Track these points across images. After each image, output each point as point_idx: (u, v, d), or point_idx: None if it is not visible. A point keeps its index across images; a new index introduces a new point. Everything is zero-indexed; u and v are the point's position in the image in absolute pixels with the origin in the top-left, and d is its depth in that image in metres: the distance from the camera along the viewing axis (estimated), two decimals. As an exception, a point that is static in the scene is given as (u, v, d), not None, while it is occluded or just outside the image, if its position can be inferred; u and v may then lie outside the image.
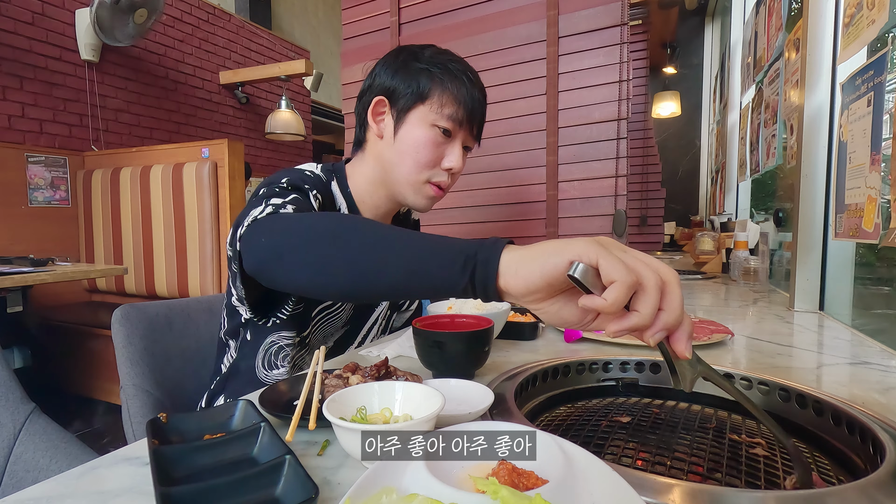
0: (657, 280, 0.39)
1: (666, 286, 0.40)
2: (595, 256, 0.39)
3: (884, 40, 0.90)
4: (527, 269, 0.42)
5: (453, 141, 0.83)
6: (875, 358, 0.77)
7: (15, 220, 2.75)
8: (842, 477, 0.49)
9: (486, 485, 0.30)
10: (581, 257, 0.40)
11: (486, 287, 0.44)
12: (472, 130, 0.85)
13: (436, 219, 1.67)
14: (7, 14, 2.77)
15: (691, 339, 0.42)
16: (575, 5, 1.44)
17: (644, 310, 0.39)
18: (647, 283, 0.39)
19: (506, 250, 0.44)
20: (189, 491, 0.37)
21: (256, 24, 4.56)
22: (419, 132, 0.81)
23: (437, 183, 0.84)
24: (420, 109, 0.81)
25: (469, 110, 0.82)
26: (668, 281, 0.40)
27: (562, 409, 0.66)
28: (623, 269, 0.38)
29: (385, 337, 0.99)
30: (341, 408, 0.46)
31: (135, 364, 0.92)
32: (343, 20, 1.78)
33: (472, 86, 0.82)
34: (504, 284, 0.43)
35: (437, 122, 0.80)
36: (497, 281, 0.43)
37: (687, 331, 0.42)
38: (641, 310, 0.39)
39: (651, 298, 0.39)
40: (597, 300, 0.39)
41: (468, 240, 0.47)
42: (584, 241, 0.40)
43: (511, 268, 0.43)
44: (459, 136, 0.83)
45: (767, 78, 1.82)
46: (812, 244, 1.17)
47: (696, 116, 4.30)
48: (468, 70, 0.83)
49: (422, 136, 0.81)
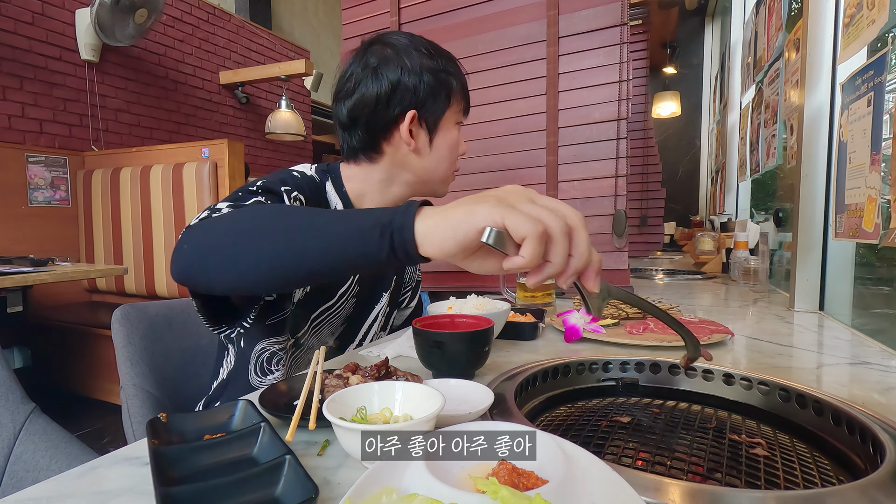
0: (563, 226, 0.41)
1: (573, 231, 0.41)
2: (501, 218, 0.40)
3: (884, 40, 0.90)
4: (441, 238, 0.42)
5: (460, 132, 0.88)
6: (875, 358, 0.77)
7: (15, 220, 2.75)
8: (842, 477, 0.49)
9: (486, 485, 0.30)
10: (489, 222, 0.40)
11: (408, 253, 0.44)
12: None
13: (436, 219, 1.67)
14: (7, 14, 2.77)
15: (599, 274, 0.44)
16: (575, 5, 1.44)
17: (555, 259, 0.41)
18: (555, 231, 0.40)
19: (419, 216, 0.44)
20: (189, 491, 0.37)
21: (256, 24, 4.56)
22: (452, 135, 0.86)
23: (457, 168, 0.91)
24: (448, 114, 0.84)
25: (468, 95, 0.88)
26: (573, 226, 0.41)
27: (562, 409, 0.66)
28: (529, 223, 0.39)
29: (385, 336, 0.99)
30: (341, 408, 0.46)
31: (135, 364, 0.92)
32: (343, 20, 1.77)
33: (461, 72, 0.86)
34: (423, 251, 0.44)
35: (458, 120, 0.86)
36: (416, 247, 0.44)
37: (595, 269, 0.43)
38: (553, 259, 0.41)
39: (560, 247, 0.41)
40: (516, 260, 0.40)
41: (384, 209, 0.47)
42: (490, 204, 0.41)
43: (427, 236, 0.43)
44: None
45: (767, 78, 1.82)
46: (812, 244, 1.17)
47: (696, 116, 4.30)
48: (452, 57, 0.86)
49: (454, 138, 0.86)
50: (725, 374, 0.67)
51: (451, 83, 0.83)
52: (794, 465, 0.49)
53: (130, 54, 3.42)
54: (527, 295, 1.25)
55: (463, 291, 0.99)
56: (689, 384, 0.69)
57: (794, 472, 0.48)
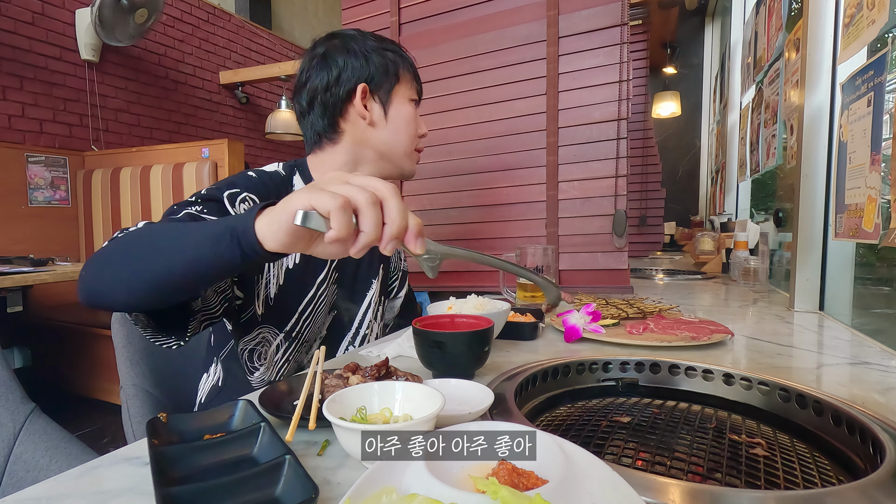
0: (370, 197, 0.43)
1: (384, 201, 0.44)
2: (307, 200, 0.42)
3: (884, 40, 0.90)
4: (274, 231, 0.45)
5: (418, 109, 0.94)
6: (875, 358, 0.77)
7: (15, 220, 2.75)
8: (842, 477, 0.49)
9: (486, 485, 0.30)
10: (299, 206, 0.43)
11: (257, 252, 0.47)
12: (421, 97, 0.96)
13: (436, 219, 1.67)
14: (7, 14, 2.76)
15: (420, 236, 0.47)
16: (575, 5, 1.44)
17: (366, 227, 0.43)
18: (360, 203, 0.43)
19: (259, 216, 0.47)
20: (189, 491, 0.37)
21: (256, 24, 4.56)
22: (406, 108, 0.90)
23: (419, 148, 0.95)
24: (398, 88, 0.89)
25: (419, 80, 0.94)
26: (384, 196, 0.44)
27: (562, 409, 0.66)
28: (329, 198, 0.42)
29: (384, 337, 0.99)
30: (341, 408, 0.46)
31: (135, 364, 0.92)
32: (343, 20, 1.77)
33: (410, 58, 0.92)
34: (267, 247, 0.46)
35: (412, 97, 0.91)
36: (261, 245, 0.46)
37: (414, 231, 0.46)
38: (364, 227, 0.44)
39: (368, 215, 0.43)
40: (330, 233, 0.43)
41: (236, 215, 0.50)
42: (304, 190, 0.44)
43: (264, 232, 0.46)
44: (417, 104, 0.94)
45: (767, 78, 1.82)
46: (812, 244, 1.17)
47: (696, 116, 4.30)
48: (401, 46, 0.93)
49: (409, 112, 0.91)
50: (725, 374, 0.67)
51: (397, 61, 0.89)
52: (794, 465, 0.49)
53: (130, 54, 3.42)
54: (527, 295, 1.25)
55: (463, 291, 0.99)
56: (689, 384, 0.69)
57: (794, 472, 0.48)
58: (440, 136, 1.63)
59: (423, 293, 1.71)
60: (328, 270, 0.90)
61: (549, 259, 1.24)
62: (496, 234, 1.59)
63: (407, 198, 1.70)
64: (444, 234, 1.67)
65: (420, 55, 0.92)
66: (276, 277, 0.83)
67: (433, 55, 1.61)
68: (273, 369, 0.86)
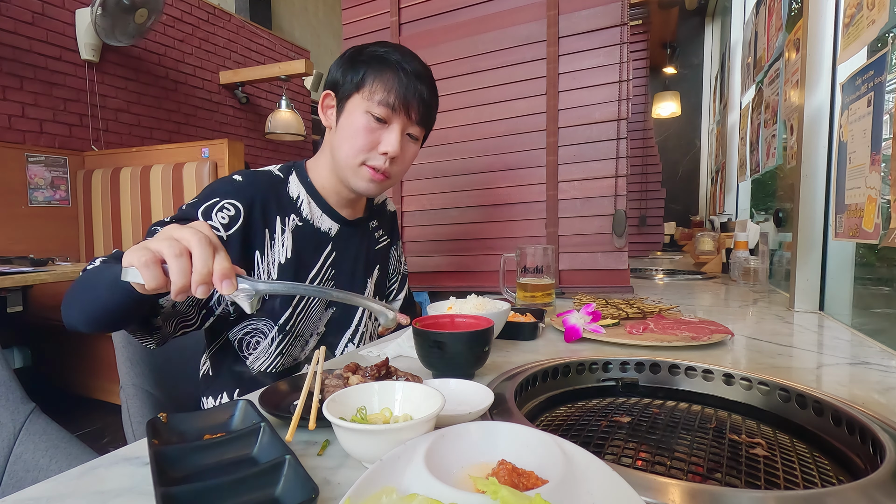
0: (176, 250, 0.49)
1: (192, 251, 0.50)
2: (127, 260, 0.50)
3: (884, 40, 0.90)
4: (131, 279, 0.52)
5: (389, 127, 0.86)
6: (875, 358, 0.77)
7: (15, 220, 2.75)
8: (842, 477, 0.49)
9: (486, 485, 0.30)
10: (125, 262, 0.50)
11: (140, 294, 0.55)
12: (410, 117, 0.87)
13: (436, 219, 1.67)
14: (7, 14, 2.76)
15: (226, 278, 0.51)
16: (575, 5, 1.44)
17: (173, 277, 0.50)
18: (167, 256, 0.50)
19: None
20: (189, 491, 0.37)
21: (256, 24, 4.56)
22: (354, 118, 0.86)
23: (374, 166, 0.87)
24: (355, 98, 0.86)
25: (402, 97, 0.85)
26: (190, 246, 0.50)
27: (562, 409, 0.66)
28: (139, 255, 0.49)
29: (384, 337, 0.99)
30: (341, 408, 0.46)
31: (135, 364, 0.92)
32: (343, 20, 1.77)
33: (405, 74, 0.85)
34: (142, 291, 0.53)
35: (370, 110, 0.85)
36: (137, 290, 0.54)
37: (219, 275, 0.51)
38: (172, 277, 0.50)
39: (173, 267, 0.50)
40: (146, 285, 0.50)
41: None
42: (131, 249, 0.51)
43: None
44: (396, 122, 0.86)
45: (767, 78, 1.82)
46: (812, 244, 1.17)
47: (696, 116, 4.30)
48: (406, 61, 0.86)
49: (356, 122, 0.86)
50: (725, 374, 0.67)
51: (366, 72, 0.85)
52: (794, 465, 0.49)
53: (130, 54, 3.42)
54: (527, 295, 1.25)
55: (463, 291, 0.99)
56: (689, 384, 0.69)
57: (794, 472, 0.48)
58: (440, 136, 1.63)
59: (423, 293, 1.71)
60: (321, 267, 0.92)
61: (549, 259, 1.24)
62: (496, 234, 1.59)
63: (407, 198, 1.71)
64: (443, 235, 1.67)
65: (420, 55, 0.91)
66: (268, 273, 0.86)
67: (433, 55, 1.61)
68: (267, 360, 0.88)
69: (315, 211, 0.93)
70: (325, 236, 0.94)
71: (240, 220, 0.81)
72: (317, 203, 0.93)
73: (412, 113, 0.87)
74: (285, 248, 0.87)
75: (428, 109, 0.90)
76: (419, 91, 0.86)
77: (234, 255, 0.80)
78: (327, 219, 0.94)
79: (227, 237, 0.80)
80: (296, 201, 0.91)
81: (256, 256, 0.84)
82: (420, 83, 0.86)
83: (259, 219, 0.84)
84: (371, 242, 1.04)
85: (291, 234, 0.88)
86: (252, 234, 0.84)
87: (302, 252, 0.89)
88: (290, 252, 0.87)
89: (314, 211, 0.93)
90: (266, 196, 0.86)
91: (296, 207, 0.90)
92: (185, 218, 0.78)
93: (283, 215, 0.88)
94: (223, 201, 0.81)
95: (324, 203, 0.94)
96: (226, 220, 0.80)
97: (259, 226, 0.84)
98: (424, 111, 0.88)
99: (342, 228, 0.96)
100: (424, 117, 0.89)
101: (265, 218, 0.85)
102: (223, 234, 0.80)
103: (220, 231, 0.80)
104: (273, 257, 0.86)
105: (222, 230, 0.80)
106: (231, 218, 0.81)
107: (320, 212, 0.94)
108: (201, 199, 0.81)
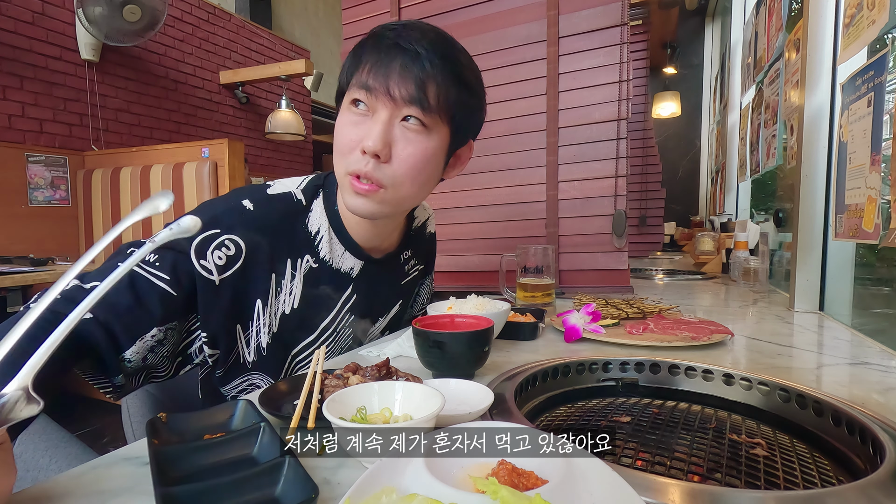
0: None
1: None
2: None
3: (883, 41, 0.90)
4: None
5: (374, 116, 0.67)
6: (875, 358, 0.77)
7: (15, 220, 2.75)
8: (842, 477, 0.49)
9: (485, 485, 0.30)
10: None
11: None
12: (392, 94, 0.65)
13: (436, 219, 1.67)
14: (7, 14, 2.76)
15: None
16: (575, 5, 1.44)
17: None
18: None
19: None
20: (189, 491, 0.37)
21: (256, 23, 4.56)
22: (341, 116, 0.70)
23: (354, 172, 0.68)
24: (349, 90, 0.69)
25: (383, 73, 0.65)
26: None
27: (562, 409, 0.66)
28: None
29: (384, 337, 0.99)
30: (341, 408, 0.46)
31: (135, 364, 0.92)
32: (343, 20, 1.77)
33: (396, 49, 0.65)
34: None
35: (353, 97, 0.68)
36: None
37: None
38: None
39: None
40: None
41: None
42: None
43: None
44: (380, 107, 0.66)
45: (767, 78, 1.82)
46: (812, 244, 1.17)
47: (696, 116, 4.30)
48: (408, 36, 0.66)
49: (341, 119, 0.70)
50: (725, 374, 0.67)
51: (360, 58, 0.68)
52: (793, 466, 0.49)
53: (130, 54, 3.42)
54: (527, 295, 1.25)
55: (463, 291, 0.99)
56: (689, 384, 0.69)
57: (793, 472, 0.48)
58: (440, 136, 1.63)
59: (423, 293, 1.70)
60: (337, 313, 0.82)
61: (549, 259, 1.24)
62: (496, 234, 1.59)
63: (407, 198, 1.70)
64: (443, 235, 1.67)
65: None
66: (269, 326, 0.75)
67: (433, 55, 1.61)
68: None
69: (336, 249, 0.79)
70: (344, 278, 0.81)
71: (239, 262, 0.70)
72: (339, 238, 0.79)
73: (395, 88, 0.64)
74: (293, 296, 0.76)
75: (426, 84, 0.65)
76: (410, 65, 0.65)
77: (223, 302, 0.69)
78: (350, 257, 0.80)
79: (220, 281, 0.69)
80: (314, 238, 0.77)
81: (258, 305, 0.73)
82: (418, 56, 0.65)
83: (264, 263, 0.72)
84: (398, 276, 0.92)
85: (303, 280, 0.76)
86: (252, 279, 0.72)
87: (313, 301, 0.78)
88: (297, 302, 0.76)
89: (335, 249, 0.79)
90: (277, 234, 0.73)
91: (312, 246, 0.77)
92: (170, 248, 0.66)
93: (296, 257, 0.75)
94: (224, 236, 0.69)
95: (348, 239, 0.79)
96: (222, 260, 0.68)
97: (263, 271, 0.72)
98: (419, 86, 0.65)
99: (366, 265, 0.83)
100: (421, 93, 0.65)
101: (272, 262, 0.73)
102: (216, 278, 0.68)
103: (213, 274, 0.68)
104: (277, 307, 0.75)
105: (216, 273, 0.68)
106: (229, 259, 0.69)
107: (342, 249, 0.79)
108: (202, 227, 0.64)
